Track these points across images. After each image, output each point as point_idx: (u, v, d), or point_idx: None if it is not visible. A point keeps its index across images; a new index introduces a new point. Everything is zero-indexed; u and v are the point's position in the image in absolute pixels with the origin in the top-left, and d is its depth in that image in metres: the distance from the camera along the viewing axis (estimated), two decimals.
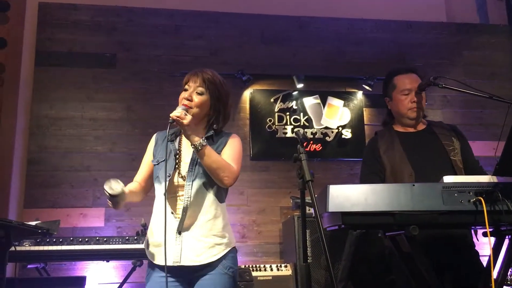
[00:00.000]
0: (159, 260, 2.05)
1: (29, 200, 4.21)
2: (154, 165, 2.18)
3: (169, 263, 1.99)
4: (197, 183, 2.08)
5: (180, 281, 2.05)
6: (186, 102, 2.10)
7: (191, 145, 2.02)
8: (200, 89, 2.13)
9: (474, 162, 2.56)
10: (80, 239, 3.30)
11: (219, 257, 2.05)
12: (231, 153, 2.16)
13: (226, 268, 2.06)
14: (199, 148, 1.99)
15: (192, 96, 2.12)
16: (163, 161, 2.14)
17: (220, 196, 2.14)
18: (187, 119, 1.98)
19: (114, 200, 1.97)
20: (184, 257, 2.01)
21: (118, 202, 2.00)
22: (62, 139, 4.39)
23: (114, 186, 1.96)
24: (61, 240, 3.27)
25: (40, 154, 4.33)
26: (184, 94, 2.14)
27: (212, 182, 2.08)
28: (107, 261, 3.59)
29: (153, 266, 2.09)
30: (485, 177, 1.96)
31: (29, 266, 3.36)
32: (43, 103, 4.43)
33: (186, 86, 2.16)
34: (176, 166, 2.13)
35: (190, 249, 2.02)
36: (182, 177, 2.10)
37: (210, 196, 2.09)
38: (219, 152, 2.14)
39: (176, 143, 2.20)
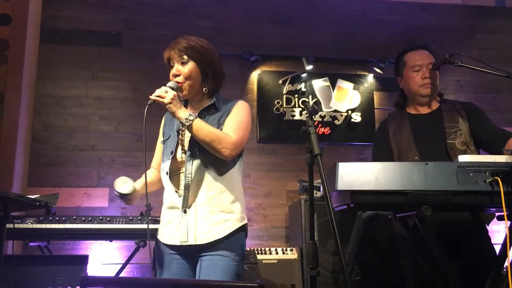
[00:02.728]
0: (165, 239, 2.02)
1: (33, 179, 4.17)
2: (163, 145, 2.15)
3: (177, 243, 1.97)
4: (198, 158, 2.00)
5: (187, 259, 2.00)
6: (176, 79, 2.02)
7: (180, 122, 1.94)
8: (182, 59, 2.03)
9: (496, 131, 2.42)
10: (83, 218, 3.24)
11: (227, 233, 1.97)
12: (233, 121, 2.04)
13: (231, 251, 1.97)
14: (187, 123, 1.89)
15: (179, 70, 2.03)
16: (167, 139, 2.10)
17: (226, 169, 2.03)
18: (168, 96, 1.89)
19: (125, 198, 1.96)
20: (191, 236, 1.96)
21: (130, 199, 1.99)
22: (67, 118, 4.34)
23: (124, 186, 1.93)
24: (64, 218, 3.22)
25: (45, 133, 4.29)
26: (171, 72, 2.06)
27: (215, 156, 1.97)
28: (110, 240, 3.55)
29: (162, 246, 2.07)
30: (502, 156, 1.87)
31: (31, 244, 3.32)
32: (48, 81, 4.37)
33: (171, 63, 2.07)
34: (180, 142, 2.07)
35: (196, 227, 1.96)
36: (185, 153, 2.04)
37: (213, 171, 2.00)
38: (222, 122, 2.05)
39: None
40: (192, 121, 1.89)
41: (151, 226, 3.19)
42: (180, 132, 2.08)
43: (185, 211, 1.98)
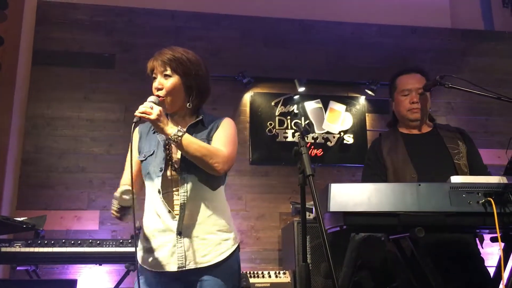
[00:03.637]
0: (156, 267, 1.86)
1: (22, 201, 4.10)
2: (141, 161, 1.98)
3: (173, 269, 1.83)
4: (192, 175, 1.89)
5: (183, 286, 1.87)
6: (158, 93, 1.91)
7: (167, 139, 1.84)
8: (165, 72, 1.92)
9: (482, 167, 2.46)
10: (72, 242, 3.19)
11: (228, 254, 1.87)
12: (222, 136, 1.96)
13: (232, 271, 1.89)
14: (176, 140, 1.78)
15: (161, 83, 1.92)
16: (151, 155, 1.96)
17: (219, 186, 1.95)
18: (154, 112, 1.77)
19: (124, 212, 1.79)
20: (189, 260, 1.83)
21: (126, 214, 1.81)
22: (58, 139, 4.31)
23: (125, 197, 1.77)
24: (52, 242, 3.16)
25: (35, 154, 4.24)
26: (154, 84, 1.95)
27: (208, 172, 1.87)
28: (100, 264, 3.48)
29: (149, 273, 1.89)
30: (495, 177, 1.86)
31: (18, 268, 3.25)
32: (40, 103, 4.35)
33: (154, 75, 1.96)
34: (168, 157, 1.93)
35: (195, 250, 1.84)
36: (175, 170, 1.91)
37: (208, 189, 1.91)
38: (211, 138, 1.95)
39: None
40: (181, 137, 1.79)
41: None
42: (167, 147, 1.95)
43: (180, 233, 1.84)
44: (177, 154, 1.93)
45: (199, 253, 1.84)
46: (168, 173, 1.92)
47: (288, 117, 4.68)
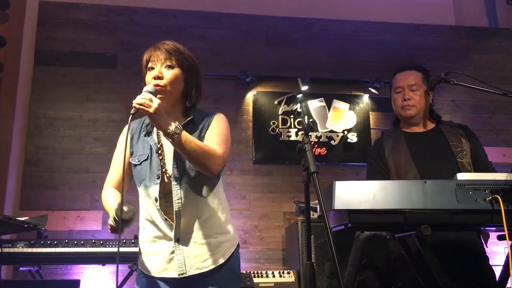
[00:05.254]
0: (154, 271, 1.80)
1: (25, 201, 4.09)
2: (135, 165, 1.87)
3: (174, 276, 1.78)
4: (185, 180, 1.80)
5: None
6: (157, 82, 1.77)
7: (164, 135, 1.68)
8: (168, 62, 1.81)
9: (487, 164, 2.43)
10: (75, 242, 3.19)
11: (228, 256, 1.83)
12: (214, 134, 1.85)
13: (232, 273, 1.86)
14: (174, 137, 1.65)
15: (162, 73, 1.79)
16: (145, 160, 1.85)
17: (214, 186, 1.86)
18: (153, 106, 1.62)
19: (124, 225, 1.63)
20: (189, 266, 1.77)
21: (123, 227, 1.65)
22: (60, 140, 4.29)
23: (126, 209, 1.62)
24: (55, 242, 3.15)
25: (38, 155, 4.23)
26: (151, 74, 1.81)
27: (202, 174, 1.79)
28: (103, 264, 3.47)
29: (148, 278, 1.84)
30: (502, 174, 1.83)
31: (21, 268, 3.24)
32: (42, 103, 4.34)
33: (151, 64, 1.83)
34: (162, 164, 1.84)
35: (194, 255, 1.78)
36: (169, 176, 1.82)
37: (204, 192, 1.82)
38: (203, 137, 1.85)
39: (155, 135, 1.88)
40: (180, 134, 1.66)
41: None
42: (160, 152, 1.86)
43: (178, 240, 1.78)
44: (169, 160, 1.85)
45: (199, 258, 1.79)
46: (165, 180, 1.83)
47: (291, 116, 4.65)
